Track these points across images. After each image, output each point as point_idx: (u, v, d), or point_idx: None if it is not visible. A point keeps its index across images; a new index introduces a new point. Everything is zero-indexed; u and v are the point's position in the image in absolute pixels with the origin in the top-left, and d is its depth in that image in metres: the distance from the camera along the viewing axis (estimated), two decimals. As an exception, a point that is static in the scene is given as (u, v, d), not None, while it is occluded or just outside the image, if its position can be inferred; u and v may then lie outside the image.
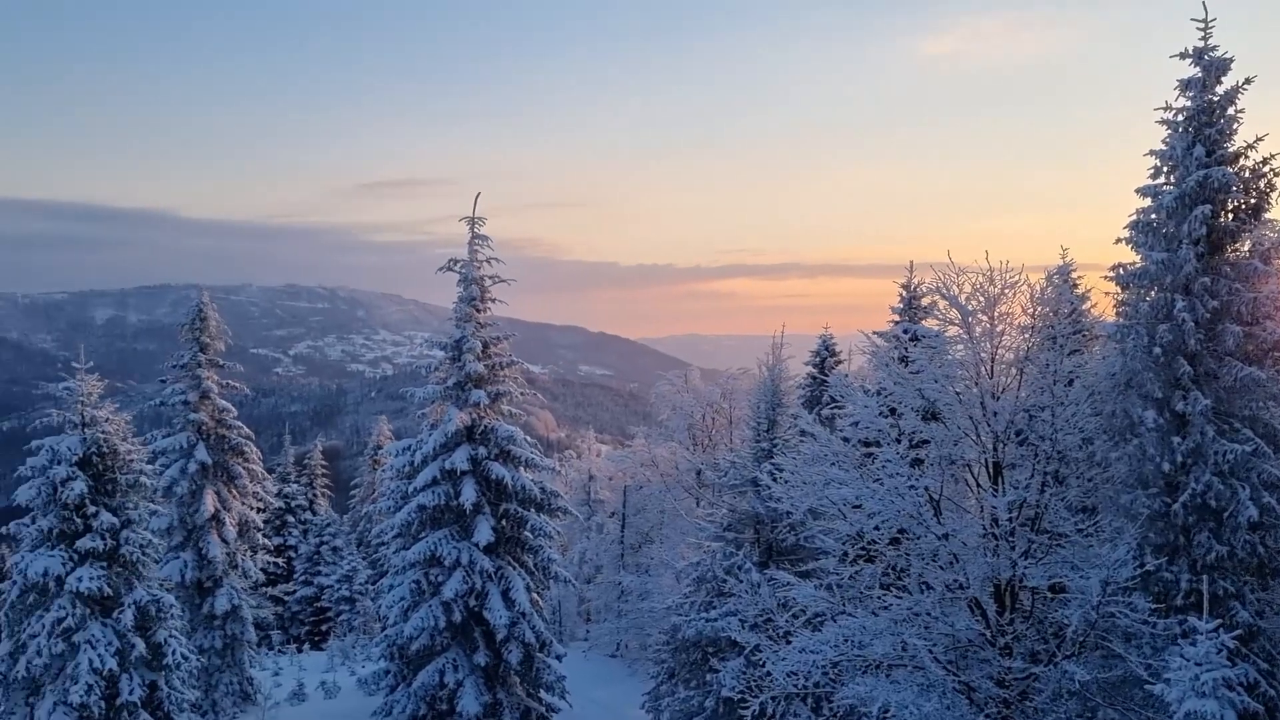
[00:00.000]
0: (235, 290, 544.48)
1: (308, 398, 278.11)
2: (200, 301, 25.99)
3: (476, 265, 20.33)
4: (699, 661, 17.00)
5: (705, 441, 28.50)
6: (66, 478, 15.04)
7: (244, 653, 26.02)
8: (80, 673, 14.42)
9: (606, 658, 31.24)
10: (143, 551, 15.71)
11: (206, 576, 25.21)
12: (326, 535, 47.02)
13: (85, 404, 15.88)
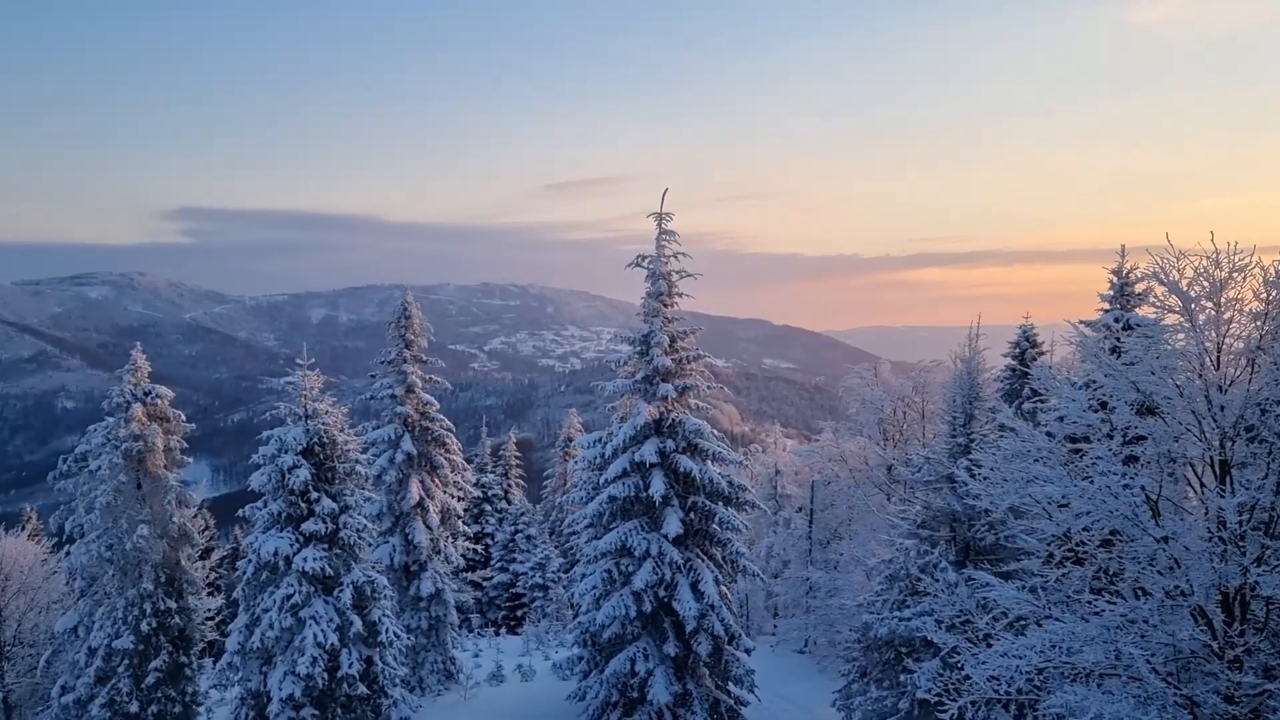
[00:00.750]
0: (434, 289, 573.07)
1: (501, 391, 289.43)
2: (405, 301, 27.51)
3: (664, 260, 20.55)
4: (892, 661, 16.60)
5: (896, 436, 27.73)
6: (293, 466, 16.31)
7: (447, 634, 27.40)
8: (306, 645, 15.61)
9: (795, 653, 30.97)
10: (359, 535, 16.83)
11: (413, 560, 26.71)
12: (521, 524, 48.79)
13: (308, 398, 17.15)
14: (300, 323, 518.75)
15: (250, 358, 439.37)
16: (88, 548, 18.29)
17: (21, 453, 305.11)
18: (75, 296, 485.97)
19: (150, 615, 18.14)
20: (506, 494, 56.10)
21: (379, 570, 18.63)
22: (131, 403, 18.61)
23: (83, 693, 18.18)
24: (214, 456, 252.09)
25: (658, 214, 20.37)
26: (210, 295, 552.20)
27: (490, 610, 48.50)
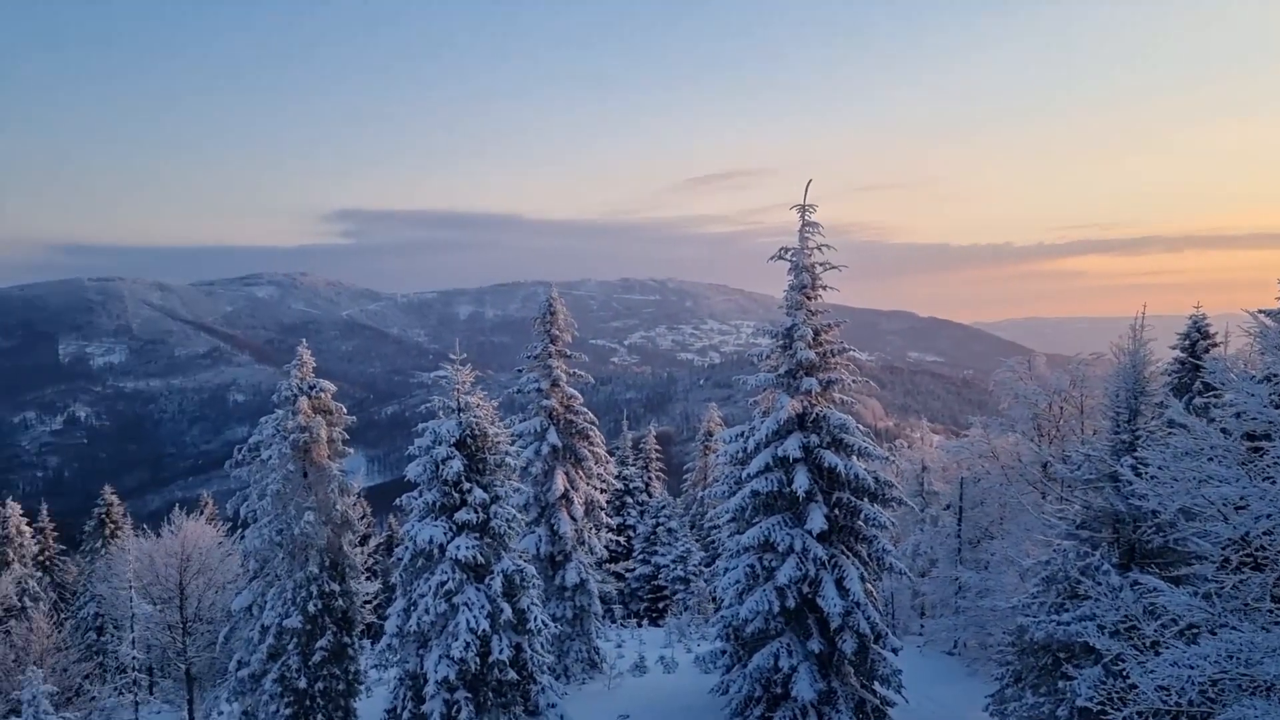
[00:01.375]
0: (575, 285, 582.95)
1: (641, 385, 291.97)
2: (550, 297, 28.12)
3: (807, 253, 20.31)
4: (1049, 666, 15.94)
5: (1052, 432, 26.57)
6: (446, 457, 16.94)
7: (591, 623, 27.90)
8: (459, 630, 16.20)
9: (943, 654, 30.13)
10: (509, 525, 17.34)
11: (558, 551, 27.30)
12: (662, 517, 49.17)
13: (460, 391, 17.76)
14: (448, 319, 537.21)
15: (402, 353, 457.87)
16: (260, 532, 19.48)
17: (198, 442, 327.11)
18: (245, 296, 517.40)
19: (316, 597, 19.19)
20: (647, 487, 56.65)
21: (526, 560, 19.14)
22: (298, 396, 19.70)
23: (256, 668, 19.39)
24: (369, 448, 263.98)
25: (801, 206, 20.14)
26: (365, 293, 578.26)
27: (632, 602, 49.10)
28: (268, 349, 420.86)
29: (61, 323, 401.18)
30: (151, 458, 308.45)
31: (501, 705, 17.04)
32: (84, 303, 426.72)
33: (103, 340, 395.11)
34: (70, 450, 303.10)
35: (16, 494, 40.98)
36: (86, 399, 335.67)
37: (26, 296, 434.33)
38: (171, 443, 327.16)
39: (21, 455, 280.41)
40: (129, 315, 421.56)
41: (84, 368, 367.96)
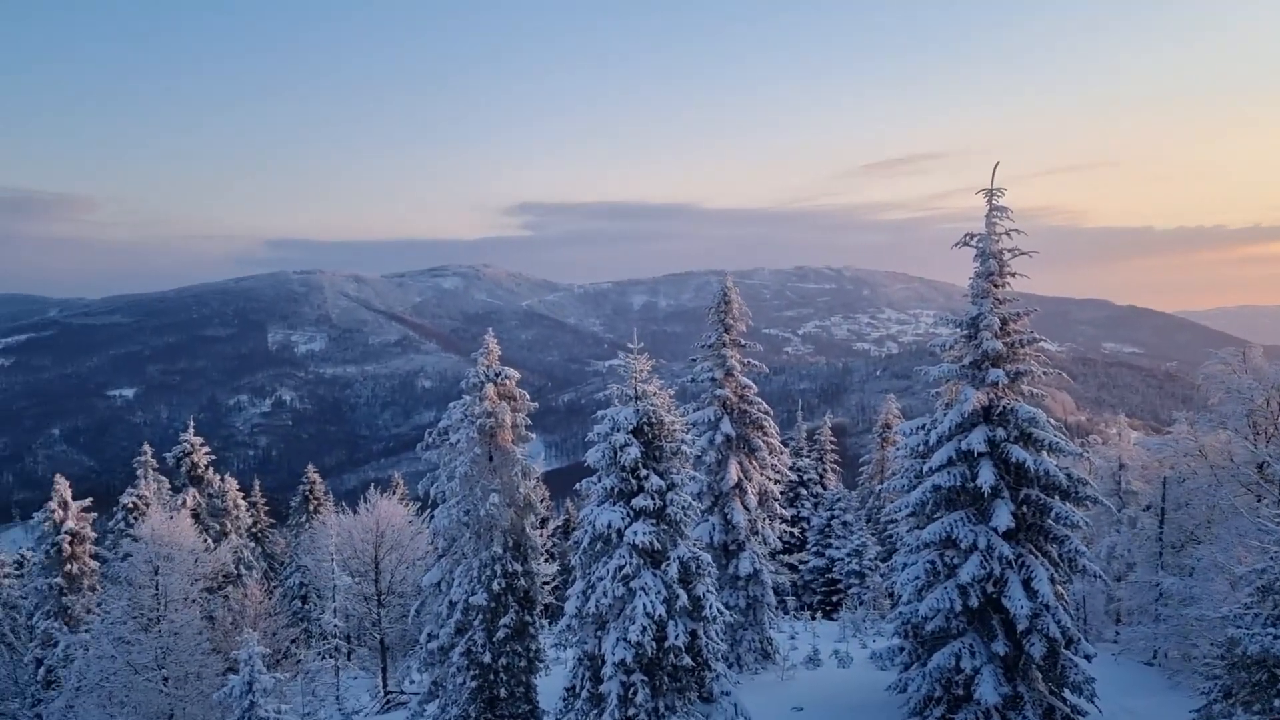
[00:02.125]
0: (749, 274, 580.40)
1: (815, 376, 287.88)
2: (724, 286, 28.13)
3: (994, 239, 19.48)
4: (1264, 683, 14.74)
5: (1270, 430, 24.46)
6: (624, 444, 17.26)
7: (764, 614, 27.81)
8: (636, 614, 16.50)
9: (1141, 665, 28.33)
10: (684, 512, 17.52)
11: (731, 540, 27.35)
12: (837, 509, 48.40)
13: (637, 380, 18.05)
14: (623, 309, 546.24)
15: (578, 342, 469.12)
16: (448, 512, 20.44)
17: (389, 425, 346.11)
18: (432, 287, 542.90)
19: (500, 576, 19.98)
20: (822, 479, 55.89)
21: (700, 548, 19.27)
22: (484, 383, 20.53)
23: (445, 641, 20.39)
24: (546, 434, 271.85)
25: (988, 190, 19.34)
26: (544, 284, 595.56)
27: (805, 594, 48.60)
28: (453, 338, 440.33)
29: (271, 313, 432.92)
30: (348, 439, 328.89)
31: (677, 690, 17.25)
32: (290, 294, 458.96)
33: (305, 329, 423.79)
34: (278, 431, 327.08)
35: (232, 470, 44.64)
36: (291, 384, 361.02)
37: (241, 288, 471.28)
38: (366, 425, 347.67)
39: (236, 435, 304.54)
40: (329, 306, 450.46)
41: (289, 354, 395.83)
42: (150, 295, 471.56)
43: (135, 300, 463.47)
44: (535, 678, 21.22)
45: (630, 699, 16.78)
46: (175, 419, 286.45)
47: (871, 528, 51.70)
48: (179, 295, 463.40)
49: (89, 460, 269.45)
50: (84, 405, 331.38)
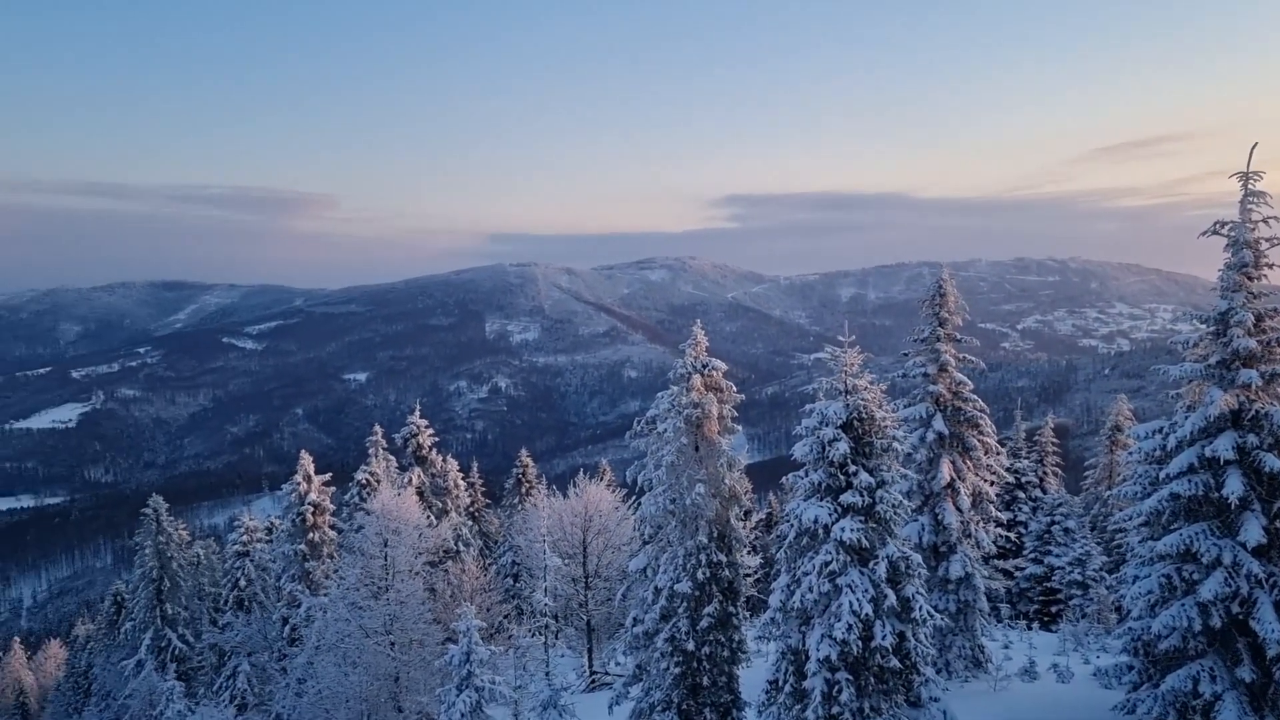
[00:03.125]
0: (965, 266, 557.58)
1: (1035, 373, 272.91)
2: (940, 278, 27.11)
3: (1249, 227, 17.75)
4: None
5: None
6: (832, 438, 16.99)
7: (976, 620, 26.68)
8: (842, 612, 16.23)
9: None
10: (894, 511, 17.06)
11: (941, 541, 26.38)
12: (1058, 515, 45.74)
13: (848, 374, 17.72)
14: (830, 301, 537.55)
15: (783, 334, 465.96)
16: (655, 500, 20.81)
17: (597, 413, 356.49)
18: (639, 279, 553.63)
19: (705, 565, 20.16)
20: (1041, 482, 52.99)
21: (908, 548, 18.69)
22: (692, 374, 20.74)
23: (649, 626, 20.80)
24: (749, 426, 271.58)
25: (1243, 173, 17.65)
26: (749, 276, 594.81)
27: (1021, 602, 46.24)
28: (658, 329, 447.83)
29: (489, 303, 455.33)
30: (558, 425, 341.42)
31: (882, 692, 16.85)
32: (506, 286, 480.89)
33: (520, 319, 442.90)
34: (493, 415, 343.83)
35: (451, 452, 47.23)
36: (506, 371, 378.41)
37: (462, 280, 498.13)
38: (574, 413, 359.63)
39: (455, 419, 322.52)
40: (542, 297, 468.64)
41: (505, 343, 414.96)
42: (381, 286, 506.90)
43: (368, 291, 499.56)
44: (738, 668, 21.28)
45: (834, 697, 16.53)
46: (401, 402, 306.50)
47: (1096, 536, 48.49)
48: (407, 286, 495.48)
49: (327, 438, 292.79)
50: (323, 387, 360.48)
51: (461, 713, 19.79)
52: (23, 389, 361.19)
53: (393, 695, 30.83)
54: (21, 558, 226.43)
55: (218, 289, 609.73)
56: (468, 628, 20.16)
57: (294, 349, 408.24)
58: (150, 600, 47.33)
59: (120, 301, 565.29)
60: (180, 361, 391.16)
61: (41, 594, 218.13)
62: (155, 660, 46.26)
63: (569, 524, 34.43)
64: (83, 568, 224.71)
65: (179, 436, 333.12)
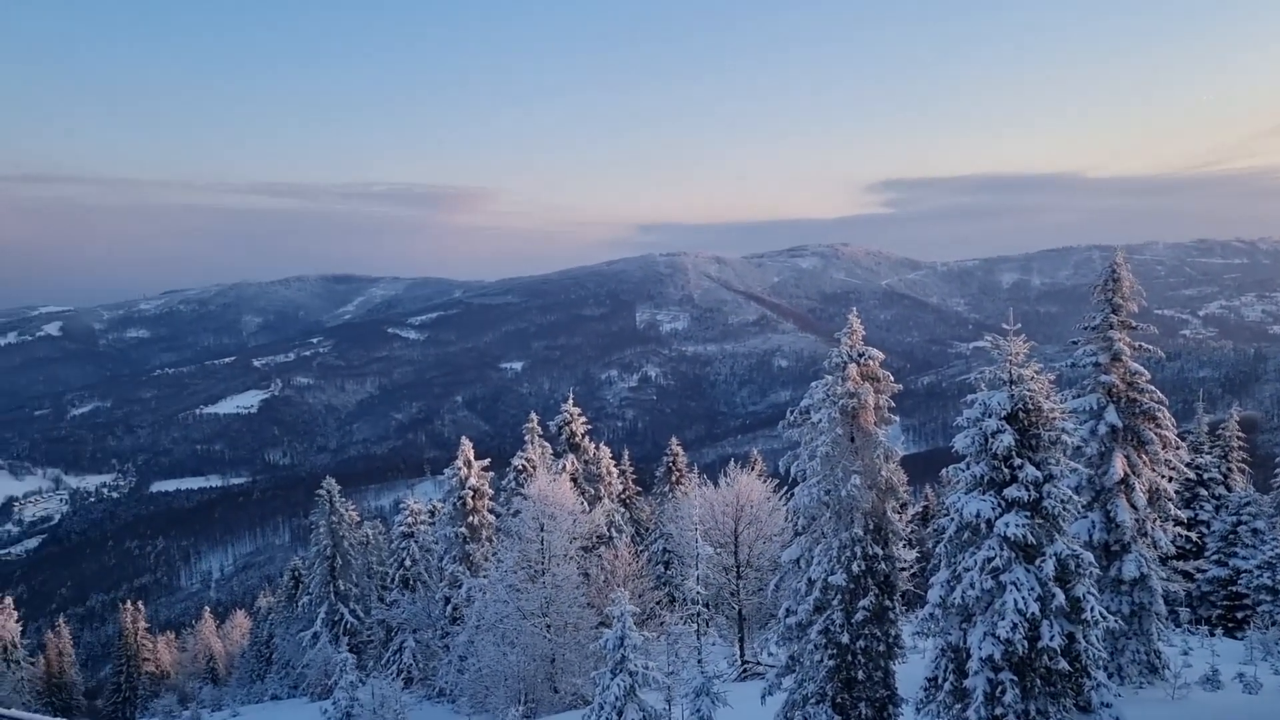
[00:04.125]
0: (1139, 249, 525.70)
1: (1218, 363, 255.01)
2: (1113, 262, 25.62)
3: None
4: None
5: None
6: (996, 430, 16.35)
7: (1152, 624, 25.17)
8: (1006, 610, 15.63)
9: None
10: (1063, 506, 16.29)
11: (1113, 540, 24.99)
12: (1244, 514, 42.62)
13: (1013, 363, 17.01)
14: (990, 287, 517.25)
15: (940, 322, 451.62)
16: (808, 491, 20.55)
17: (746, 402, 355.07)
18: (790, 267, 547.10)
19: (860, 558, 19.79)
20: (1226, 479, 49.49)
21: (1078, 546, 17.79)
22: (848, 363, 20.35)
23: (803, 618, 20.59)
24: (904, 417, 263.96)
25: None
26: (904, 263, 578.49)
27: (1202, 606, 43.38)
28: (809, 318, 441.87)
29: (639, 293, 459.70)
30: (707, 414, 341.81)
31: (1050, 695, 16.12)
32: (656, 276, 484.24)
33: (669, 309, 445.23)
34: (643, 404, 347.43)
35: (602, 440, 48.03)
36: (656, 360, 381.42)
37: (613, 271, 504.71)
38: (724, 402, 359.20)
39: (606, 407, 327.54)
40: (691, 286, 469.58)
41: (655, 333, 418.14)
42: (536, 278, 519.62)
43: (524, 283, 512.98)
44: (893, 663, 20.82)
45: (998, 697, 15.94)
46: (555, 390, 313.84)
47: (1289, 538, 44.97)
48: (560, 278, 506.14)
49: (484, 425, 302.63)
50: (481, 376, 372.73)
51: (616, 696, 20.13)
52: (211, 377, 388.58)
53: (549, 676, 31.68)
54: (210, 533, 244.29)
55: (383, 282, 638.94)
56: (622, 613, 20.46)
57: (453, 339, 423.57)
58: (325, 576, 50.18)
59: (296, 295, 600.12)
60: (349, 351, 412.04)
61: (228, 567, 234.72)
62: (329, 633, 49.07)
63: (720, 513, 34.45)
64: (263, 544, 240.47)
65: (348, 422, 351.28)
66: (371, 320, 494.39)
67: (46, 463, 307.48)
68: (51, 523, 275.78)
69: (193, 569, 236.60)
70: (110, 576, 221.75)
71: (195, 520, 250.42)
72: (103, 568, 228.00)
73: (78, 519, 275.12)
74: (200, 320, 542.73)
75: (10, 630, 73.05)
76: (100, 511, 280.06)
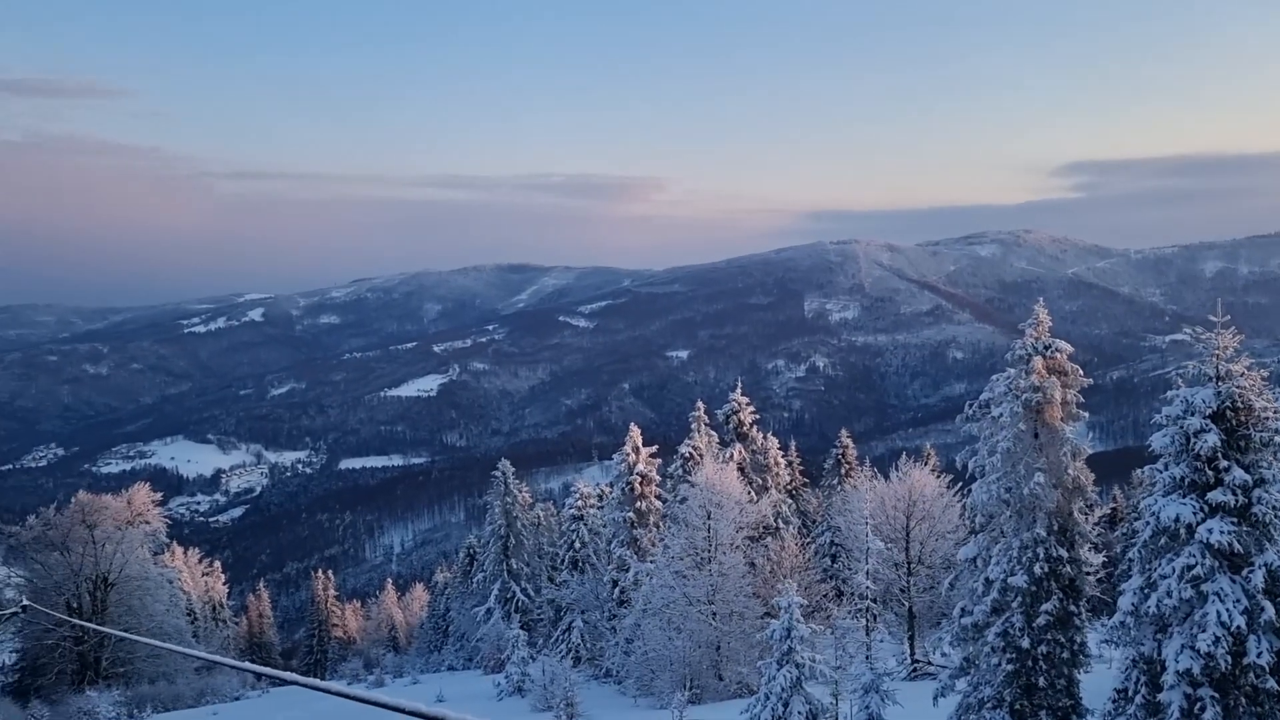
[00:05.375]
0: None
1: None
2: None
3: None
4: None
5: None
6: (1199, 429, 15.22)
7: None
8: (1207, 622, 14.56)
9: None
10: (1275, 513, 14.99)
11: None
12: None
13: (1220, 358, 15.78)
14: (1190, 277, 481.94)
15: (1132, 314, 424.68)
16: (987, 488, 19.74)
17: (918, 395, 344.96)
18: (967, 255, 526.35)
19: (1042, 560, 18.86)
20: None
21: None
22: (1033, 355, 19.42)
23: (979, 619, 19.82)
24: (1091, 413, 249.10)
25: None
26: (1093, 250, 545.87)
27: None
28: (987, 308, 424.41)
29: (808, 282, 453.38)
30: (876, 406, 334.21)
31: (1256, 715, 14.89)
32: (825, 264, 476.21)
33: (839, 298, 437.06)
34: (810, 395, 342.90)
35: (769, 430, 47.73)
36: (824, 350, 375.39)
37: (781, 259, 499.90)
38: (894, 394, 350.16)
39: (772, 397, 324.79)
40: (862, 275, 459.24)
41: (823, 322, 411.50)
42: (703, 266, 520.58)
43: (691, 271, 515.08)
44: (1078, 671, 19.76)
45: (1196, 715, 14.87)
46: (720, 379, 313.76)
47: None
48: (727, 266, 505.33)
49: (650, 412, 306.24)
50: (647, 364, 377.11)
51: (782, 687, 20.00)
52: (394, 361, 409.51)
53: (714, 663, 31.83)
54: (392, 509, 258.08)
55: (555, 271, 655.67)
56: (789, 604, 20.30)
57: (621, 327, 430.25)
58: (498, 555, 52.13)
59: (472, 283, 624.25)
60: (522, 338, 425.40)
61: (408, 542, 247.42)
62: (502, 609, 50.97)
63: (891, 507, 33.64)
64: (440, 521, 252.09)
65: (520, 407, 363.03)
66: (543, 309, 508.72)
67: (250, 439, 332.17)
68: (253, 494, 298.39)
69: (376, 542, 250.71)
70: (304, 546, 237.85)
71: (379, 497, 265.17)
72: (297, 538, 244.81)
73: (276, 491, 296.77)
74: (385, 308, 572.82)
75: (218, 591, 79.59)
76: (295, 485, 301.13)
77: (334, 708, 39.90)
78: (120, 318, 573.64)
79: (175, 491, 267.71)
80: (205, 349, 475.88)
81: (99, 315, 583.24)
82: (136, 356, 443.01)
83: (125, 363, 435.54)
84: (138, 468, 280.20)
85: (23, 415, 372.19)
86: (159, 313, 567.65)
